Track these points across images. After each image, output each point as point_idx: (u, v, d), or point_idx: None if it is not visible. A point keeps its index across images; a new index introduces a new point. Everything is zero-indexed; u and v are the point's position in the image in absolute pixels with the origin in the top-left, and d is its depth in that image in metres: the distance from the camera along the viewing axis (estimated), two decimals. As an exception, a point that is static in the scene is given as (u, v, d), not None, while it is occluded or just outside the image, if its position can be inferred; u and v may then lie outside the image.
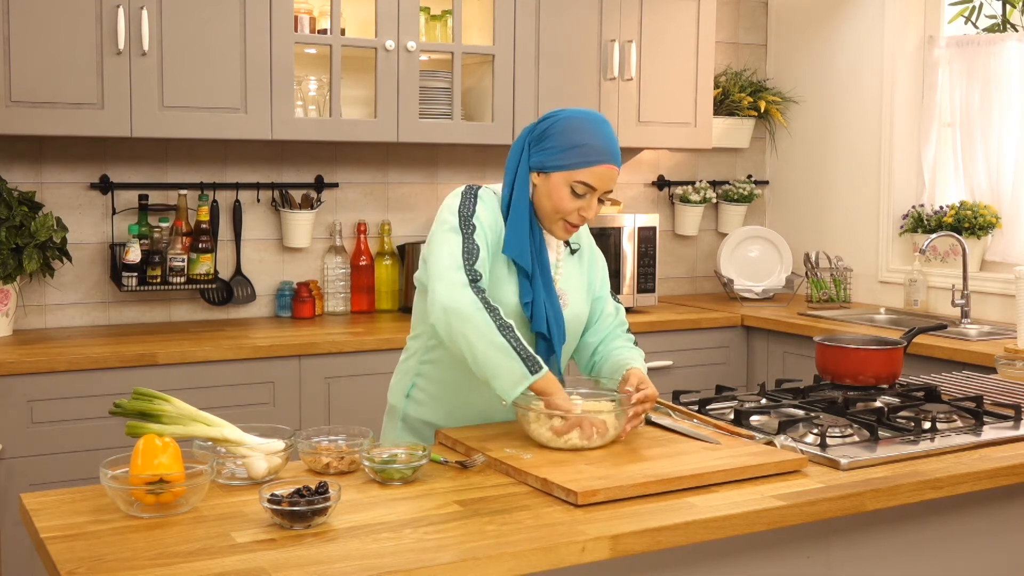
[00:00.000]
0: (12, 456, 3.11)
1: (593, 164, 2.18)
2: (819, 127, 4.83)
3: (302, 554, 1.56)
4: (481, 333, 2.07)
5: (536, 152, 2.22)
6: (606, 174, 2.19)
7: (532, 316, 2.22)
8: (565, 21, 4.10)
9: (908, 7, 4.44)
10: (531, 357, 2.08)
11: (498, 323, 2.08)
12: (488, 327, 2.07)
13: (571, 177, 2.18)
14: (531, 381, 2.07)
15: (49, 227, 3.43)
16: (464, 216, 2.18)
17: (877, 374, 2.58)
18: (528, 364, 2.07)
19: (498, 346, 2.06)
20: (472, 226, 2.17)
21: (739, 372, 4.27)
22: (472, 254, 2.14)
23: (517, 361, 2.06)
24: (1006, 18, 4.23)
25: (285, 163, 4.03)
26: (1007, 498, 2.19)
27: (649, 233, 4.27)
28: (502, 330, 2.07)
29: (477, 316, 2.08)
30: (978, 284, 4.11)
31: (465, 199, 2.22)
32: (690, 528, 1.73)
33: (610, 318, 2.43)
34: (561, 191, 2.19)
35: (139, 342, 3.41)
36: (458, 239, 2.16)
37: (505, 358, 2.06)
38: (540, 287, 2.23)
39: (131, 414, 1.90)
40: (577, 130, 2.19)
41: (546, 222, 2.25)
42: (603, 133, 2.21)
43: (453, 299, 2.09)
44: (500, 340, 2.06)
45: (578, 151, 2.17)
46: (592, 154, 2.18)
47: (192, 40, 3.49)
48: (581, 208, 2.20)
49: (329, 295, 4.08)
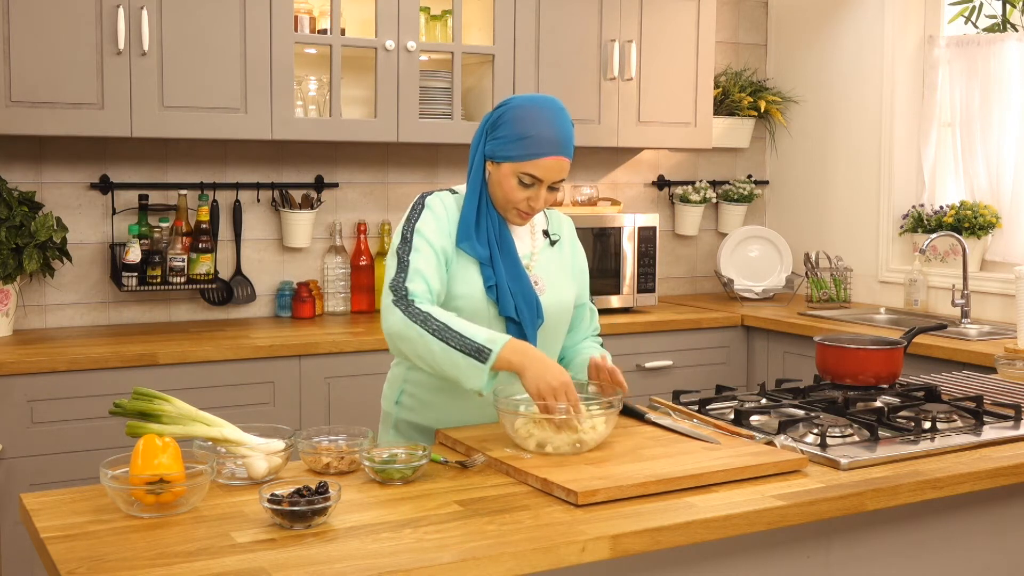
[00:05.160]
0: (12, 456, 3.11)
1: (539, 156, 2.17)
2: (819, 127, 4.83)
3: (302, 554, 1.56)
4: (422, 347, 2.08)
5: (490, 141, 2.23)
6: (553, 166, 2.18)
7: (498, 300, 2.22)
8: (565, 21, 4.10)
9: (908, 7, 4.44)
10: (476, 348, 2.05)
11: (431, 328, 2.08)
12: (423, 339, 2.07)
13: (518, 168, 2.18)
14: (487, 368, 2.04)
15: (49, 227, 3.43)
16: (405, 235, 2.21)
17: (877, 374, 2.58)
18: (475, 356, 2.04)
19: (441, 351, 2.06)
20: (410, 244, 2.19)
21: (739, 372, 4.27)
22: (403, 272, 2.15)
23: (464, 358, 2.05)
24: (1006, 18, 4.23)
25: (285, 163, 4.03)
26: (1007, 498, 2.19)
27: (649, 233, 4.27)
28: (437, 334, 2.07)
29: (408, 332, 2.09)
30: (978, 284, 4.11)
31: (411, 213, 2.24)
32: (690, 528, 1.73)
33: (586, 323, 2.47)
34: (510, 181, 2.19)
35: (139, 342, 3.41)
36: (394, 262, 2.19)
37: (455, 360, 2.06)
38: (503, 271, 2.23)
39: (131, 414, 1.90)
40: (526, 120, 2.17)
41: (500, 210, 2.26)
42: (553, 122, 2.18)
43: (387, 324, 2.14)
44: (439, 345, 2.06)
45: (525, 143, 2.16)
46: (538, 146, 2.16)
47: (192, 40, 3.49)
48: (530, 198, 2.21)
49: (329, 295, 4.08)
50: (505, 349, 2.05)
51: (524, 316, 2.23)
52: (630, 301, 4.26)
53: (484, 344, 2.05)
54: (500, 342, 2.05)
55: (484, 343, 2.05)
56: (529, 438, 2.05)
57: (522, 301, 2.23)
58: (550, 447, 2.03)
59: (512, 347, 2.06)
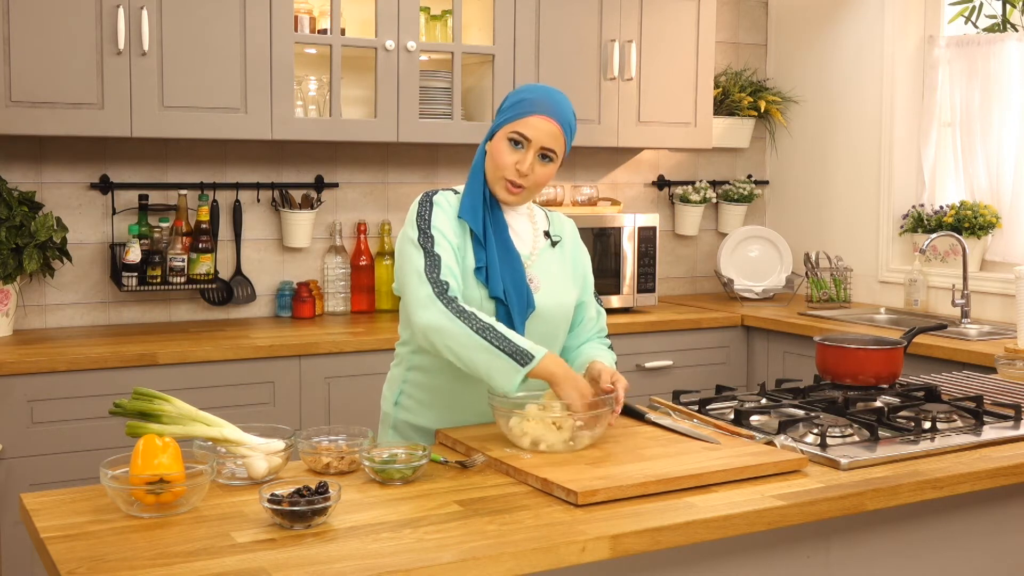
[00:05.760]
0: (12, 456, 3.11)
1: (528, 114, 2.22)
2: (819, 127, 4.83)
3: (302, 554, 1.56)
4: (462, 342, 2.10)
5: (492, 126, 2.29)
6: (540, 125, 2.22)
7: (487, 280, 2.23)
8: (565, 21, 4.10)
9: (908, 7, 4.44)
10: (518, 351, 2.08)
11: (475, 326, 2.10)
12: (466, 334, 2.09)
13: (508, 130, 2.23)
14: (524, 372, 2.07)
15: (49, 227, 3.43)
16: (422, 229, 2.22)
17: (877, 374, 2.58)
18: (516, 358, 2.07)
19: (482, 348, 2.08)
20: (431, 237, 2.20)
21: (739, 372, 4.27)
22: (436, 265, 2.17)
23: (503, 358, 2.07)
24: (1006, 18, 4.23)
25: (285, 163, 4.03)
26: (1007, 498, 2.19)
27: (649, 233, 4.27)
28: (481, 333, 2.09)
29: (451, 327, 2.10)
30: (978, 284, 4.11)
31: (422, 208, 2.25)
32: (690, 528, 1.73)
33: (591, 322, 2.46)
34: (500, 145, 2.24)
35: (139, 342, 3.41)
36: (420, 253, 2.19)
37: (493, 358, 2.08)
38: (494, 252, 2.24)
39: (131, 414, 1.90)
40: (523, 91, 2.28)
41: (492, 185, 2.27)
42: (548, 93, 2.26)
43: (426, 317, 2.13)
44: (481, 342, 2.08)
45: (517, 105, 2.24)
46: (528, 107, 2.23)
47: (192, 40, 3.49)
48: (518, 162, 2.22)
49: (329, 295, 4.08)
50: (547, 358, 2.10)
51: (512, 300, 2.24)
52: (630, 301, 4.26)
53: (528, 349, 2.10)
54: (542, 351, 2.11)
55: (528, 348, 2.10)
56: (523, 436, 2.06)
57: (511, 284, 2.24)
58: (543, 445, 2.05)
59: (552, 358, 2.12)
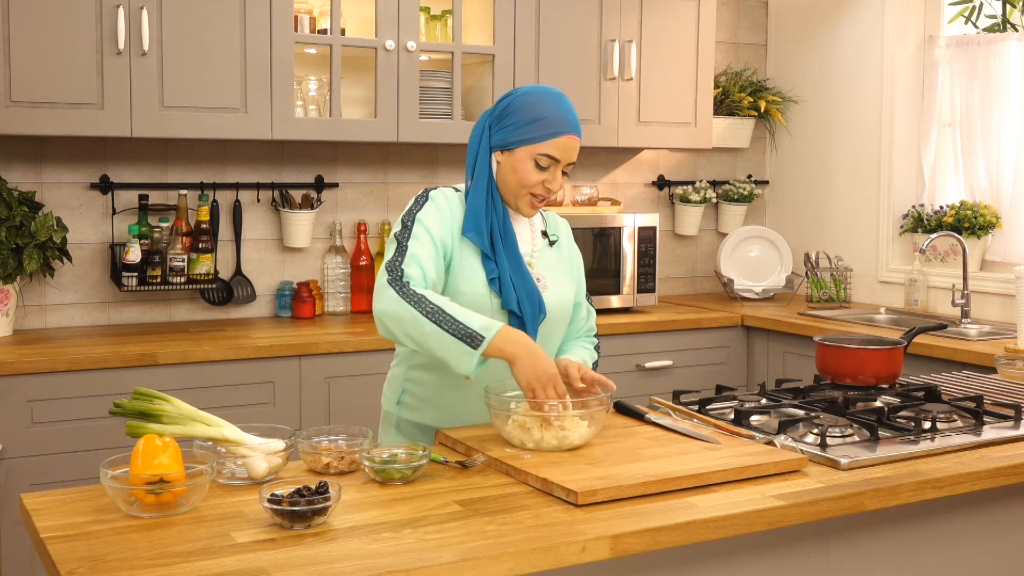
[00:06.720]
0: (12, 456, 3.11)
1: (555, 136, 2.21)
2: (819, 127, 4.83)
3: (302, 554, 1.56)
4: (414, 328, 2.07)
5: (497, 131, 2.25)
6: (568, 144, 2.22)
7: (500, 292, 2.22)
8: (565, 21, 4.10)
9: (908, 7, 4.44)
10: (468, 333, 2.04)
11: (424, 310, 2.07)
12: (415, 319, 2.06)
13: (534, 151, 2.21)
14: (477, 355, 2.04)
15: (49, 227, 3.42)
16: (405, 223, 2.21)
17: (877, 374, 2.58)
18: (467, 341, 2.04)
19: (433, 333, 2.06)
20: (409, 230, 2.19)
21: (739, 372, 4.27)
22: (402, 256, 2.15)
23: (455, 342, 2.04)
24: (1006, 18, 4.23)
25: (285, 163, 4.03)
26: (1007, 498, 2.19)
27: (649, 233, 4.27)
28: (430, 316, 2.06)
29: (402, 312, 2.07)
30: (978, 284, 4.11)
31: (413, 204, 2.25)
32: (690, 528, 1.73)
33: (582, 322, 2.47)
34: (525, 165, 2.21)
35: (139, 342, 3.41)
36: (393, 247, 2.19)
37: (445, 343, 2.05)
38: (505, 264, 2.24)
39: (131, 414, 1.90)
40: (537, 104, 2.22)
41: (512, 199, 2.26)
42: (563, 105, 2.24)
43: (379, 303, 2.12)
44: (431, 327, 2.05)
45: (540, 124, 2.20)
46: (554, 126, 2.20)
47: (192, 40, 3.49)
48: (546, 180, 2.22)
49: (329, 295, 4.08)
50: (498, 337, 2.05)
51: (526, 310, 2.24)
52: (630, 301, 4.26)
53: (478, 331, 2.05)
54: (494, 329, 2.06)
55: (478, 329, 2.05)
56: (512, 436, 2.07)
57: (524, 295, 2.24)
58: (531, 443, 2.05)
59: (505, 335, 2.06)
